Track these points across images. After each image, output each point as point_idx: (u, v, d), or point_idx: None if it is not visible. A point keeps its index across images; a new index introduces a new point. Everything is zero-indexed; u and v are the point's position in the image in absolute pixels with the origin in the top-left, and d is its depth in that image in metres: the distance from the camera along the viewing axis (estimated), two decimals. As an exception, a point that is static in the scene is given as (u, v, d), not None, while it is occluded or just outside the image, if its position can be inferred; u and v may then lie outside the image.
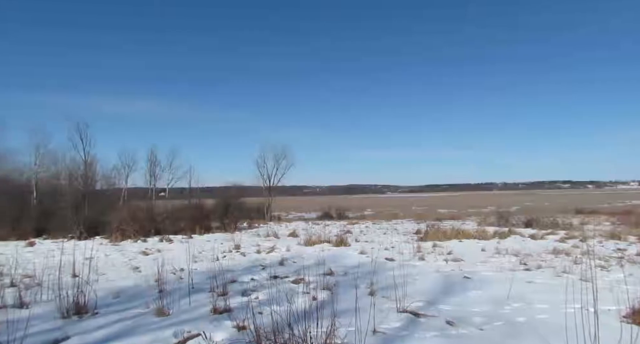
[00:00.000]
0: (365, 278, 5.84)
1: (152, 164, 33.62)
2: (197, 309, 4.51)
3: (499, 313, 4.33)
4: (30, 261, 8.37)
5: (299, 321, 3.03)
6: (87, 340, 3.51)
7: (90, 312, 4.44)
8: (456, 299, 4.97)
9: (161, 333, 3.64)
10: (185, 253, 8.37)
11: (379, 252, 9.12)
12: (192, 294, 4.99)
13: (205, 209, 19.76)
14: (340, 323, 3.27)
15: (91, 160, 27.31)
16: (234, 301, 4.70)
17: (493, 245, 10.80)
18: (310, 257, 8.78)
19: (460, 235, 12.96)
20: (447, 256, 8.86)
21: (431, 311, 4.32)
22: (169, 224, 16.98)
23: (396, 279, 4.97)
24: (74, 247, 9.84)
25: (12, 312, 4.23)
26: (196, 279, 5.85)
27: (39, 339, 3.52)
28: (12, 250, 11.12)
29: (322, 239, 12.30)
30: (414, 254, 9.27)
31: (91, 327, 3.92)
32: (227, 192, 26.39)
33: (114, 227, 15.13)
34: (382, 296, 4.99)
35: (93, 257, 8.16)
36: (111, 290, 5.65)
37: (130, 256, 10.17)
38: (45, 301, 4.87)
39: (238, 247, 11.22)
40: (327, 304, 4.09)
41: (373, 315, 3.50)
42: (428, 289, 5.49)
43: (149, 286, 5.83)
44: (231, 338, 3.48)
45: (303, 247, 11.36)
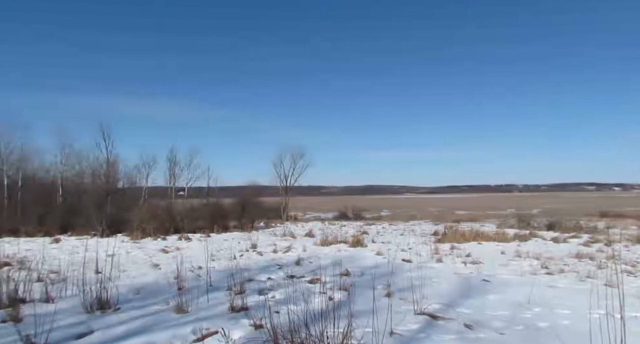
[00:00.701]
0: (382, 279, 5.80)
1: (172, 164, 34.19)
2: (215, 307, 4.57)
3: (519, 317, 4.24)
4: (55, 257, 8.64)
5: (315, 321, 3.04)
6: (110, 335, 3.61)
7: (113, 307, 4.56)
8: (475, 302, 4.88)
9: (180, 330, 3.70)
10: (204, 251, 8.50)
11: (395, 254, 9.04)
12: (210, 292, 5.06)
13: (223, 209, 20.04)
14: (356, 324, 3.26)
15: (114, 159, 27.99)
16: (251, 299, 4.74)
17: (513, 248, 10.57)
18: (327, 257, 8.79)
19: (479, 237, 12.74)
20: (465, 259, 8.72)
21: (449, 314, 4.26)
22: (188, 223, 17.28)
23: (413, 281, 4.92)
24: (97, 244, 10.13)
25: (39, 306, 4.39)
26: (214, 278, 5.93)
27: (65, 333, 3.63)
28: (39, 246, 11.53)
29: (338, 239, 12.30)
30: (431, 256, 9.16)
31: (113, 322, 4.02)
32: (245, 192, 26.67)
33: (135, 225, 15.50)
34: (399, 297, 4.95)
35: (115, 254, 8.38)
36: (132, 286, 5.78)
37: (150, 253, 10.39)
38: (70, 296, 5.02)
39: (255, 246, 11.32)
40: (344, 304, 4.08)
41: (390, 317, 3.48)
42: (446, 292, 5.42)
43: (169, 283, 5.94)
44: (248, 336, 3.52)
45: (319, 247, 11.38)
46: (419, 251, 10.00)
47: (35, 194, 21.28)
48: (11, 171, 23.28)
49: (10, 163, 23.64)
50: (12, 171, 23.33)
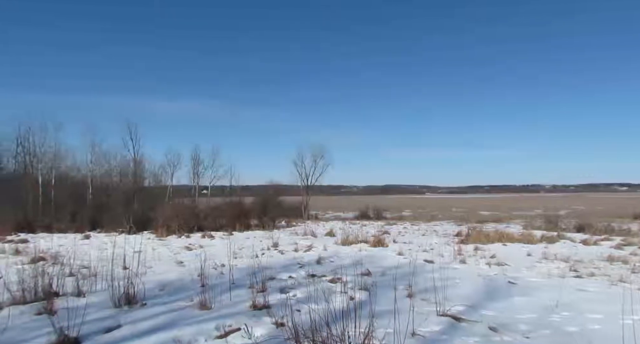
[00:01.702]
0: (403, 280, 5.74)
1: (196, 163, 34.98)
2: (237, 305, 4.64)
3: (546, 320, 4.11)
4: (86, 253, 8.97)
5: (336, 320, 3.04)
6: (137, 330, 3.72)
7: (139, 303, 4.70)
8: (500, 304, 4.77)
9: (204, 326, 3.78)
10: (226, 249, 8.64)
11: (417, 254, 8.94)
12: (233, 290, 5.14)
13: (245, 207, 20.30)
14: (378, 324, 3.24)
15: (140, 158, 28.88)
16: (272, 297, 4.79)
17: (540, 250, 10.26)
18: (347, 257, 8.78)
19: (504, 238, 12.42)
20: (489, 260, 8.53)
21: (473, 316, 4.18)
22: (211, 221, 17.61)
23: (436, 282, 4.86)
24: (125, 241, 10.46)
25: (72, 300, 4.58)
26: (236, 275, 6.02)
27: (95, 326, 3.77)
28: (71, 242, 12.01)
29: (359, 239, 12.26)
30: (454, 257, 9.00)
31: (140, 317, 4.15)
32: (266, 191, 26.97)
33: (160, 223, 15.91)
34: (421, 298, 4.89)
35: (141, 251, 8.63)
36: (158, 283, 5.95)
37: (175, 250, 10.65)
38: (100, 291, 5.20)
39: (276, 245, 11.42)
40: (365, 304, 4.07)
41: (412, 317, 3.44)
42: (469, 294, 5.31)
43: (192, 280, 6.07)
44: (270, 333, 3.56)
45: (340, 246, 11.37)
46: (441, 251, 9.85)
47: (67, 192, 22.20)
48: (45, 169, 24.36)
49: (44, 162, 24.74)
50: (46, 169, 24.42)
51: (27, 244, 11.39)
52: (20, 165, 24.91)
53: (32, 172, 24.01)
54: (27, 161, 24.78)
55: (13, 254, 9.30)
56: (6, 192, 19.54)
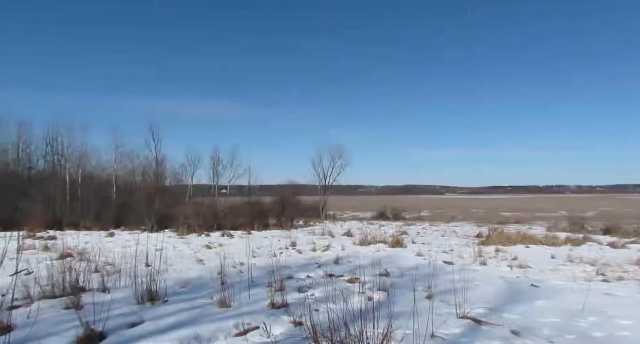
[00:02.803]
0: (422, 281, 5.68)
1: (215, 163, 35.48)
2: (256, 303, 4.69)
3: (571, 325, 3.99)
4: (110, 250, 9.24)
5: (354, 320, 3.03)
6: (159, 326, 3.81)
7: (161, 299, 4.81)
8: (522, 308, 4.65)
9: (224, 323, 3.84)
10: (245, 248, 8.74)
11: (436, 255, 8.83)
12: (252, 288, 5.20)
13: (263, 207, 20.49)
14: (396, 325, 3.22)
15: (161, 158, 29.51)
16: (290, 296, 4.82)
17: (564, 252, 9.97)
18: (365, 257, 8.74)
19: (526, 240, 12.13)
20: (511, 262, 8.34)
21: (494, 319, 4.09)
22: (230, 220, 17.85)
23: (455, 284, 4.77)
24: (147, 238, 10.73)
25: (97, 295, 4.73)
26: (255, 274, 6.09)
27: (119, 321, 3.88)
28: (96, 239, 12.40)
29: (377, 239, 12.20)
30: (474, 258, 8.84)
31: (162, 313, 4.24)
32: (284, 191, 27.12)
33: (181, 222, 16.23)
34: (441, 300, 4.82)
35: (163, 248, 8.84)
36: (179, 280, 6.07)
37: (195, 248, 10.84)
38: (123, 287, 5.35)
39: (294, 244, 11.48)
40: (383, 305, 4.05)
41: (431, 319, 3.40)
42: (490, 296, 5.21)
43: (212, 278, 6.17)
44: (288, 332, 3.58)
45: (358, 246, 11.34)
46: (461, 253, 9.70)
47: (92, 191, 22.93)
48: (72, 169, 25.23)
49: (71, 162, 25.64)
50: (73, 169, 25.28)
51: (56, 240, 11.82)
52: (49, 165, 25.89)
53: (60, 171, 24.92)
54: (55, 161, 25.74)
55: (42, 250, 9.67)
56: (37, 191, 20.34)
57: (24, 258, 6.46)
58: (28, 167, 25.60)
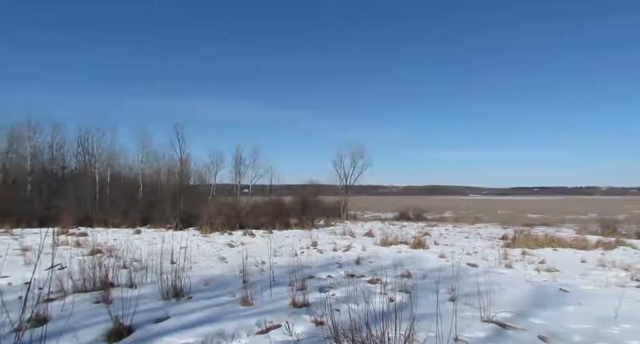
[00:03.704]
0: (445, 283, 5.59)
1: (237, 163, 36.04)
2: (277, 302, 4.74)
3: (603, 332, 3.84)
4: (137, 247, 9.51)
5: (376, 321, 3.02)
6: (184, 321, 3.91)
7: (186, 296, 4.93)
8: (550, 313, 4.51)
9: (246, 321, 3.90)
10: (266, 247, 8.83)
11: (460, 257, 8.65)
12: (273, 287, 5.26)
13: (285, 206, 20.63)
14: (419, 327, 3.19)
15: (186, 158, 30.20)
16: (311, 296, 4.83)
17: (595, 256, 9.57)
18: (387, 257, 8.67)
19: (554, 243, 11.73)
20: (538, 266, 8.09)
21: (520, 324, 3.99)
22: (252, 219, 18.05)
23: (480, 287, 4.67)
24: (172, 236, 11.00)
25: (125, 291, 4.89)
26: (276, 273, 6.14)
27: (146, 316, 4.00)
28: (124, 236, 12.81)
29: (399, 240, 12.07)
30: (499, 261, 8.63)
31: (187, 310, 4.35)
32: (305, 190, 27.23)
33: (204, 220, 16.55)
34: (464, 303, 4.73)
35: (187, 246, 9.04)
36: (202, 277, 6.20)
37: (218, 247, 11.04)
38: (150, 283, 5.51)
39: (315, 244, 11.51)
40: (405, 306, 4.01)
41: (455, 322, 3.34)
42: (516, 300, 5.07)
43: (234, 276, 6.27)
44: (310, 331, 3.60)
45: (379, 247, 11.26)
46: (485, 255, 9.48)
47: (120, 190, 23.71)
48: (102, 168, 26.18)
49: (101, 161, 26.62)
50: (103, 168, 26.23)
51: (87, 237, 12.28)
52: (81, 164, 26.97)
53: (91, 171, 25.88)
54: (86, 160, 26.78)
55: (75, 246, 10.07)
56: (69, 189, 21.22)
57: (58, 253, 6.74)
58: (61, 167, 26.72)
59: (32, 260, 7.38)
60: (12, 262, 7.17)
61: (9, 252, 7.82)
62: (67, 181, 24.27)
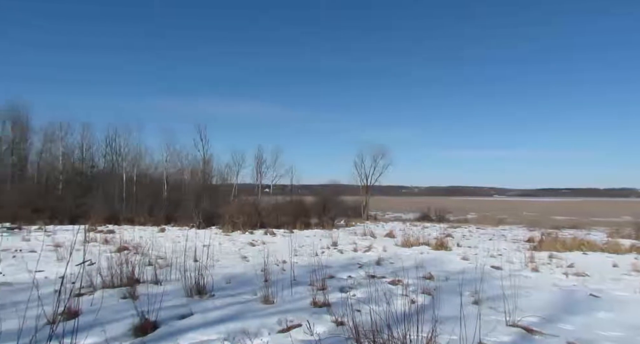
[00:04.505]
0: (468, 286, 5.47)
1: (259, 163, 36.45)
2: (298, 301, 4.76)
3: (637, 341, 3.67)
4: (162, 245, 9.77)
5: (397, 323, 2.99)
6: (207, 318, 3.98)
7: (208, 294, 5.02)
8: (580, 319, 4.35)
9: (267, 320, 3.94)
10: (287, 247, 8.89)
11: (484, 260, 8.47)
12: (294, 286, 5.28)
13: (305, 206, 20.72)
14: (441, 330, 3.14)
15: (208, 158, 30.82)
16: (332, 296, 4.84)
17: (629, 261, 9.17)
18: (408, 259, 8.57)
19: (584, 246, 11.30)
20: (567, 269, 7.82)
21: (548, 329, 3.86)
22: (272, 219, 18.22)
23: (505, 290, 4.55)
24: (195, 235, 11.22)
25: (150, 287, 5.03)
26: (297, 272, 6.17)
27: (170, 312, 4.10)
28: (149, 234, 13.16)
29: (420, 241, 11.92)
30: (525, 264, 8.38)
31: (210, 307, 4.43)
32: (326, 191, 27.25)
33: (226, 219, 16.81)
34: (489, 306, 4.63)
35: (210, 245, 9.20)
36: (224, 275, 6.30)
37: (239, 246, 11.19)
38: (174, 281, 5.64)
39: (335, 244, 11.51)
40: (427, 308, 3.96)
41: (478, 325, 3.27)
42: (543, 304, 4.92)
43: (256, 275, 6.33)
44: (330, 331, 3.60)
45: (400, 248, 11.15)
46: (510, 257, 9.23)
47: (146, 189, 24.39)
48: (128, 168, 27.01)
49: (128, 161, 27.47)
50: (129, 168, 27.06)
51: (114, 234, 12.69)
52: (109, 164, 27.93)
53: (118, 170, 26.75)
54: (113, 160, 27.70)
55: (103, 243, 10.43)
56: (98, 188, 22.00)
57: (87, 249, 7.01)
58: (91, 166, 27.74)
59: (64, 256, 7.69)
60: (47, 257, 7.49)
61: (44, 248, 8.16)
62: (96, 180, 25.17)
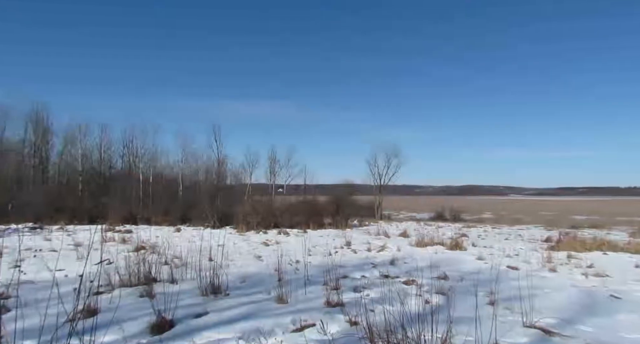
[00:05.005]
0: (484, 286, 5.40)
1: (272, 163, 36.67)
2: (312, 301, 4.77)
3: (660, 344, 3.57)
4: (177, 245, 9.90)
5: (411, 323, 2.98)
6: (222, 317, 4.03)
7: (223, 293, 5.08)
8: (600, 320, 4.25)
9: (281, 319, 3.96)
10: (301, 246, 8.92)
11: (499, 260, 8.34)
12: (307, 286, 5.30)
13: (319, 206, 20.71)
14: (456, 331, 3.10)
15: (223, 158, 31.14)
16: (346, 296, 4.83)
17: (652, 261, 8.90)
18: (422, 259, 8.50)
19: (604, 246, 11.00)
20: (586, 270, 7.63)
21: (567, 331, 3.78)
22: (286, 219, 18.27)
23: (522, 291, 4.48)
24: (210, 235, 11.34)
25: (166, 286, 5.12)
26: (310, 272, 6.18)
27: (186, 311, 4.17)
28: (165, 234, 13.38)
29: (435, 241, 11.80)
30: (542, 264, 8.22)
31: (224, 306, 4.48)
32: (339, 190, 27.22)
33: (240, 219, 16.95)
34: (505, 307, 4.56)
35: (224, 244, 9.29)
36: (239, 275, 6.36)
37: (253, 245, 11.28)
38: (189, 280, 5.73)
39: (349, 244, 11.49)
40: (442, 309, 3.92)
41: (494, 326, 3.22)
42: (561, 306, 4.82)
43: (270, 274, 6.39)
44: (344, 331, 3.60)
45: (414, 248, 11.06)
46: (527, 258, 9.06)
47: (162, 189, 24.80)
48: (145, 168, 27.52)
49: (144, 162, 27.98)
50: (146, 169, 27.56)
51: (131, 234, 12.93)
52: (126, 165, 28.48)
53: (135, 171, 27.25)
54: (130, 161, 28.23)
55: (121, 242, 10.65)
56: (116, 188, 22.46)
57: (105, 249, 7.16)
58: (109, 167, 28.33)
59: (84, 255, 7.88)
60: (67, 256, 7.68)
61: (64, 247, 8.39)
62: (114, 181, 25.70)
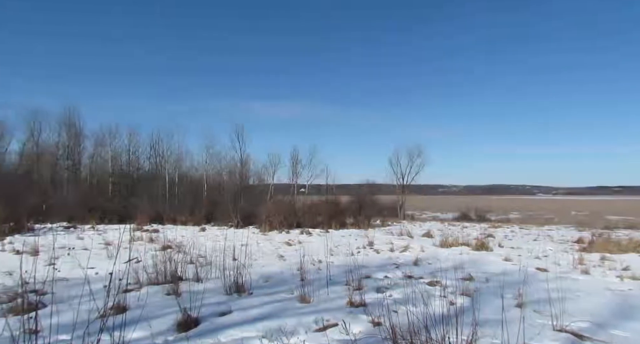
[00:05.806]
0: (511, 288, 5.26)
1: (294, 162, 36.90)
2: (334, 300, 4.78)
3: (703, 351, 3.37)
4: (202, 244, 10.11)
5: (435, 324, 2.93)
6: (246, 316, 4.09)
7: (247, 292, 5.16)
8: (635, 325, 4.05)
9: (304, 318, 3.99)
10: (323, 246, 8.94)
11: (527, 261, 8.09)
12: (330, 286, 5.31)
13: (341, 206, 20.66)
14: (482, 333, 3.04)
15: (246, 159, 31.57)
16: (368, 296, 4.81)
17: (694, 264, 8.42)
18: (447, 259, 8.36)
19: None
20: (621, 272, 7.30)
21: (600, 335, 3.63)
22: (308, 218, 18.32)
23: (551, 293, 4.34)
24: (234, 234, 11.54)
25: (192, 284, 5.24)
26: (333, 272, 6.18)
27: (211, 309, 4.25)
28: (190, 233, 13.69)
29: (459, 241, 11.56)
30: (574, 266, 7.92)
31: (248, 305, 4.55)
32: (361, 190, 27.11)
33: (263, 219, 17.13)
34: (533, 310, 4.42)
35: (247, 244, 9.43)
36: (262, 274, 6.44)
37: (276, 245, 11.38)
38: (214, 279, 5.84)
39: (371, 244, 11.42)
40: (467, 311, 3.84)
41: (522, 329, 3.14)
42: (594, 309, 4.63)
43: (292, 274, 6.43)
44: (367, 332, 3.59)
45: (438, 248, 10.88)
46: (557, 259, 8.75)
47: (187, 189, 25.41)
48: (171, 169, 28.28)
49: (170, 163, 28.76)
50: (172, 169, 28.32)
51: (158, 233, 13.30)
52: (153, 166, 29.35)
53: (161, 172, 28.03)
54: (157, 162, 29.07)
55: (148, 241, 10.97)
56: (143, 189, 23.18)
57: (134, 248, 7.40)
58: (137, 169, 29.26)
59: (113, 254, 8.17)
60: (97, 254, 7.99)
61: (95, 245, 8.72)
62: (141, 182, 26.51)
